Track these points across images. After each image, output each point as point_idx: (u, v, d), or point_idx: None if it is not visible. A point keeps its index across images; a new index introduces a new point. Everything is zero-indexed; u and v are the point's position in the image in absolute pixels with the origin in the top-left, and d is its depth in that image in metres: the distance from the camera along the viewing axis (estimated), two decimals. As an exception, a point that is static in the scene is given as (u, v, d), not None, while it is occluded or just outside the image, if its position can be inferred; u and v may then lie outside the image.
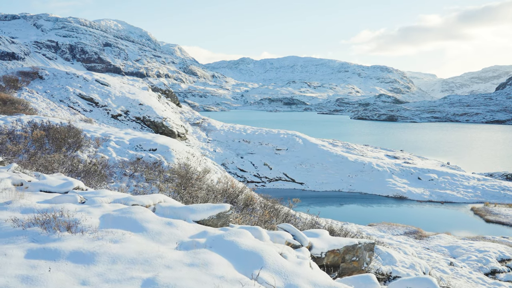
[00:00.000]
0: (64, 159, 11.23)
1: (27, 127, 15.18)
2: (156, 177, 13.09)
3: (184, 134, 43.68)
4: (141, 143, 15.67)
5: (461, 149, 74.14)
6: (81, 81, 40.95)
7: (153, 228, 4.06)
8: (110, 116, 38.86)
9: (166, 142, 16.21)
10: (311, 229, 5.70)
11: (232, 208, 5.03)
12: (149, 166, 13.79)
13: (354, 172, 41.41)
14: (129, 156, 14.56)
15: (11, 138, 13.15)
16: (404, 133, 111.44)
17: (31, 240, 3.60)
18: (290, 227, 4.93)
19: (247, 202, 10.54)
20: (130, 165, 13.43)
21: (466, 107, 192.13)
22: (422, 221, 30.45)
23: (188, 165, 14.15)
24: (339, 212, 32.75)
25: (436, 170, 42.35)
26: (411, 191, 37.75)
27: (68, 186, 6.11)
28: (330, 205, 34.56)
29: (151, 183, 12.57)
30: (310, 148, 45.79)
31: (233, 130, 52.28)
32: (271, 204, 10.88)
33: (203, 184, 12.97)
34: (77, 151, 13.51)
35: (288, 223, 9.55)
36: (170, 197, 11.30)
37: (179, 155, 15.67)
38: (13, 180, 6.04)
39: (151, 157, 14.56)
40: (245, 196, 10.67)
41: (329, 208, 33.32)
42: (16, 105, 30.44)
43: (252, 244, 3.77)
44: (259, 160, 43.61)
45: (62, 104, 36.38)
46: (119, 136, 16.52)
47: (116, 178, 12.56)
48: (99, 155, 13.82)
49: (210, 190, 11.05)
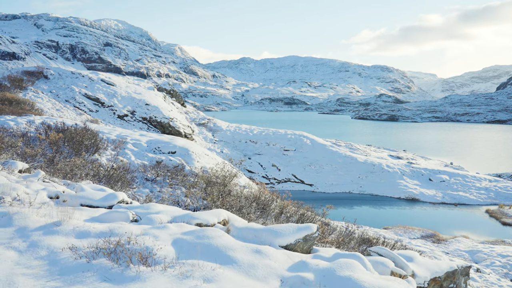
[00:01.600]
0: (85, 164, 10.54)
1: (40, 129, 14.48)
2: (179, 182, 12.40)
3: (190, 134, 42.99)
4: (160, 145, 14.97)
5: (464, 149, 73.48)
6: (86, 80, 40.22)
7: (242, 259, 3.35)
8: (117, 116, 38.15)
9: (185, 144, 15.51)
10: (401, 250, 5.04)
11: (318, 229, 4.33)
12: (171, 170, 13.09)
13: (364, 173, 40.72)
14: (149, 159, 13.87)
15: (25, 140, 12.44)
16: (405, 133, 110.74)
17: (103, 279, 2.88)
18: (385, 251, 4.22)
19: (282, 210, 9.86)
20: (151, 169, 12.73)
21: (467, 107, 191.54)
22: (437, 223, 29.81)
23: (214, 170, 13.46)
24: (351, 214, 32.06)
25: (447, 171, 41.67)
26: (423, 193, 37.07)
27: (112, 199, 5.39)
28: (341, 207, 33.86)
29: (175, 189, 11.88)
30: (319, 149, 45.11)
31: (239, 130, 51.60)
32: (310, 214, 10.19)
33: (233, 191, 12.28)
34: (95, 154, 12.82)
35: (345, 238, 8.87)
36: (196, 204, 10.58)
37: (199, 158, 14.98)
38: (48, 192, 5.34)
39: (172, 160, 13.87)
40: (280, 204, 9.98)
41: (341, 210, 32.62)
42: (21, 105, 29.74)
43: (374, 282, 3.06)
44: (267, 161, 42.92)
45: (67, 104, 35.67)
46: (135, 138, 15.82)
47: (138, 184, 11.87)
48: (118, 158, 13.13)
49: (240, 197, 10.36)
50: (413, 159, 51.22)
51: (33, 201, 4.68)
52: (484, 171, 45.92)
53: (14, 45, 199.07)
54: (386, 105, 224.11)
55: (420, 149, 66.86)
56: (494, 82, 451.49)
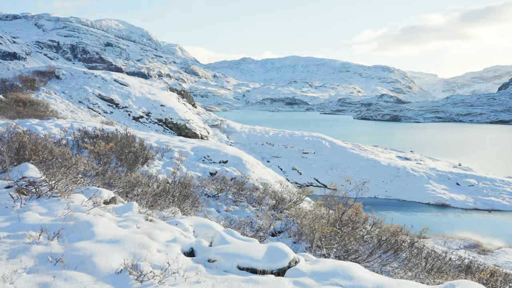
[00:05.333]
0: (145, 180, 8.86)
1: (75, 134, 12.79)
2: (244, 199, 10.71)
3: (206, 136, 41.35)
4: (209, 153, 13.29)
5: (470, 149, 71.92)
6: (99, 81, 38.51)
7: None
8: (132, 118, 36.47)
9: (235, 152, 13.84)
10: None
11: None
12: (229, 183, 11.39)
13: (389, 177, 39.09)
14: (201, 170, 12.19)
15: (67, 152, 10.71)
16: (409, 133, 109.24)
17: None
18: None
19: (398, 245, 8.18)
20: (209, 183, 11.03)
21: (469, 107, 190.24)
22: (476, 232, 28.17)
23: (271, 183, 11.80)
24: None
25: (475, 175, 40.07)
26: (453, 198, 35.43)
27: (280, 258, 3.61)
28: (369, 213, 32.21)
29: (242, 207, 10.19)
30: (339, 152, 43.49)
31: (254, 132, 50.00)
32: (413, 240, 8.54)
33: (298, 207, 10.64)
34: (144, 165, 11.13)
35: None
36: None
37: (253, 167, 13.30)
38: (182, 246, 3.64)
39: (227, 172, 12.18)
40: (387, 232, 8.33)
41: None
42: (35, 107, 28.09)
43: None
44: (286, 164, 41.28)
45: (81, 105, 33.98)
46: (178, 145, 14.14)
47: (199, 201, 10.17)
48: (168, 170, 11.43)
49: (361, 236, 8.67)
50: (421, 160, 49.79)
51: (178, 269, 3.05)
52: (494, 173, 44.16)
53: (15, 45, 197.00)
54: (388, 106, 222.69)
55: (426, 149, 65.09)
56: (495, 82, 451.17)
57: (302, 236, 8.46)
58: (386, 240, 8.20)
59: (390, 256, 8.57)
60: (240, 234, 4.71)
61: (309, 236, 8.48)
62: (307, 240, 8.49)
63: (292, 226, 9.23)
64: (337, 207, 9.68)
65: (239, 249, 3.64)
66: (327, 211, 9.67)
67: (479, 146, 77.62)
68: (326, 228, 7.11)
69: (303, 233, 8.51)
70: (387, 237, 8.18)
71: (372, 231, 8.47)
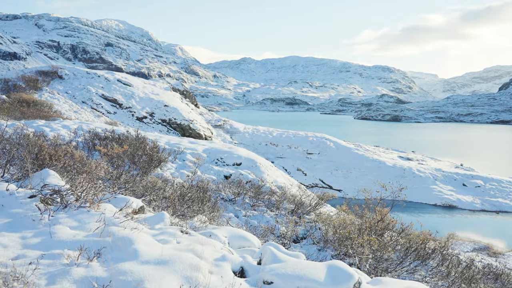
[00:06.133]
0: (162, 184, 8.49)
1: (84, 136, 12.42)
2: (261, 203, 10.36)
3: (210, 137, 41.00)
4: (222, 155, 12.92)
5: (471, 150, 71.51)
6: (102, 81, 38.13)
7: None
8: (135, 118, 36.10)
9: (249, 154, 13.48)
10: None
11: None
12: (245, 187, 11.03)
13: (395, 178, 38.69)
14: (215, 173, 11.83)
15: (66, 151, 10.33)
16: (410, 133, 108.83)
17: None
18: None
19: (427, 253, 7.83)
20: (225, 187, 10.68)
21: (470, 107, 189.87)
22: (485, 234, 27.80)
23: (287, 187, 11.43)
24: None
25: (481, 176, 39.71)
26: (460, 199, 35.07)
27: (345, 279, 3.14)
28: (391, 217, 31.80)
29: (261, 212, 9.83)
30: (343, 152, 43.13)
31: (258, 132, 49.65)
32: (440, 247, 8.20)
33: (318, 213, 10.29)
34: (157, 168, 10.77)
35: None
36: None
37: (267, 170, 12.94)
38: (232, 265, 3.29)
39: (242, 175, 11.82)
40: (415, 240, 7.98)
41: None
42: (39, 107, 27.73)
43: None
44: (291, 165, 40.91)
45: (84, 106, 33.61)
46: (189, 147, 13.77)
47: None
48: (182, 173, 11.08)
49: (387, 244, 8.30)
50: (423, 160, 49.47)
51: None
52: (497, 173, 43.74)
53: (15, 45, 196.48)
54: (389, 106, 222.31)
55: (427, 149, 64.68)
56: (495, 82, 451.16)
57: (327, 243, 8.10)
58: (416, 248, 7.84)
59: (418, 264, 8.22)
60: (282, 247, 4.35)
61: (335, 244, 8.13)
62: (332, 248, 8.14)
63: (315, 232, 8.87)
64: (372, 214, 9.29)
65: (296, 269, 3.26)
66: (352, 216, 9.33)
67: (481, 146, 77.24)
68: (361, 237, 6.74)
69: (328, 240, 8.16)
70: (417, 244, 7.82)
71: (400, 238, 8.10)
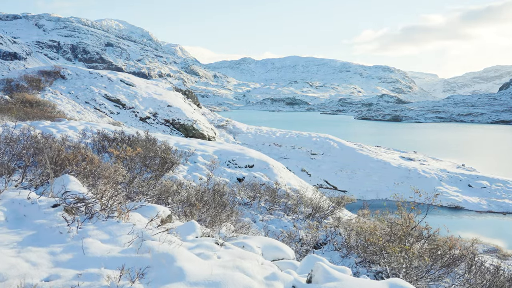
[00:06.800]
0: (176, 188, 8.18)
1: (92, 137, 12.11)
2: (277, 207, 10.05)
3: (214, 137, 40.71)
4: (233, 157, 12.62)
5: (472, 150, 71.19)
6: (105, 81, 37.81)
7: None
8: (138, 118, 35.80)
9: (260, 156, 13.17)
10: None
11: None
12: (260, 190, 10.71)
13: (400, 179, 38.43)
14: (227, 175, 11.52)
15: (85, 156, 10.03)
16: (411, 133, 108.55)
17: None
18: None
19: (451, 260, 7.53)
20: (240, 190, 10.37)
21: (470, 107, 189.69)
22: (494, 236, 27.49)
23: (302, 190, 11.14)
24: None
25: (486, 177, 39.40)
26: (466, 201, 34.76)
27: None
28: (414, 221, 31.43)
29: (279, 216, 9.53)
30: (348, 153, 42.83)
31: (261, 133, 49.37)
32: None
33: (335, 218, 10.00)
34: (169, 170, 10.46)
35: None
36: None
37: (280, 172, 12.65)
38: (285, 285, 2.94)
39: (256, 177, 11.51)
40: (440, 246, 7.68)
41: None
42: (42, 107, 27.42)
43: None
44: (295, 166, 40.57)
45: (88, 106, 33.30)
46: (199, 148, 13.46)
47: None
48: (195, 175, 10.77)
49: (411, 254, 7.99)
50: (424, 160, 49.18)
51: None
52: (499, 174, 43.37)
53: (15, 45, 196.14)
54: (389, 106, 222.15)
55: (428, 149, 64.33)
56: (495, 82, 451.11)
57: (350, 250, 7.79)
58: (443, 254, 7.54)
59: (444, 271, 7.92)
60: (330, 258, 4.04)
61: (358, 250, 7.82)
62: (356, 254, 7.83)
63: (335, 237, 8.56)
64: (404, 220, 8.97)
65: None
66: (379, 222, 9.02)
67: (482, 147, 76.94)
68: (395, 244, 6.44)
69: (351, 246, 7.85)
70: (446, 251, 7.52)
71: (427, 245, 7.79)
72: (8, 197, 3.72)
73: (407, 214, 7.51)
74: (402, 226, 7.30)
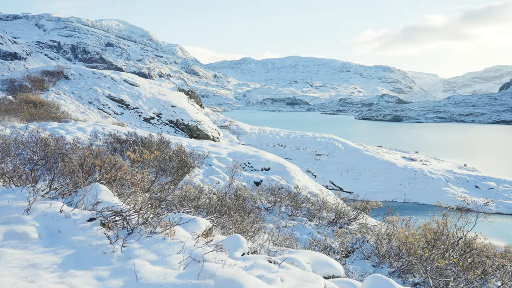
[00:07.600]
0: (196, 193, 7.81)
1: (106, 140, 11.74)
2: (299, 212, 9.68)
3: (218, 138, 40.32)
4: (249, 160, 12.25)
5: (473, 150, 70.85)
6: (109, 81, 37.43)
7: None
8: (143, 119, 35.42)
9: (276, 158, 12.81)
10: None
11: None
12: (280, 194, 10.34)
13: (406, 180, 38.07)
14: (244, 178, 11.15)
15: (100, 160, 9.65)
16: (412, 133, 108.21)
17: None
18: None
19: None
20: (260, 195, 9.99)
21: (471, 107, 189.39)
22: (503, 237, 27.15)
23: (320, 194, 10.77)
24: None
25: (493, 178, 39.07)
26: (474, 202, 34.36)
27: None
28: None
29: (302, 222, 9.15)
30: (353, 153, 42.47)
31: (264, 133, 48.99)
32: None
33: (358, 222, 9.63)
34: (186, 174, 10.07)
35: None
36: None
37: (296, 175, 12.27)
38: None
39: (274, 181, 11.13)
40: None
41: (392, 222, 29.91)
42: (46, 107, 27.05)
43: None
44: (300, 167, 39.99)
45: (91, 106, 32.93)
46: (212, 150, 13.09)
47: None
48: (212, 179, 10.40)
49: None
50: (426, 160, 48.88)
51: None
52: (500, 174, 43.02)
53: (15, 45, 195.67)
54: (390, 106, 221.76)
55: (429, 150, 63.97)
56: (496, 82, 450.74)
57: (383, 259, 7.43)
58: (481, 263, 7.19)
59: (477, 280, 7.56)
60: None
61: (390, 259, 7.46)
62: (388, 263, 7.47)
63: (364, 245, 8.19)
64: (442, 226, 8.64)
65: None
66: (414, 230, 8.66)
67: (483, 147, 76.62)
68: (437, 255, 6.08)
69: (383, 255, 7.48)
70: (483, 260, 7.15)
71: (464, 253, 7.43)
72: (39, 209, 3.35)
73: (453, 224, 7.15)
74: (448, 236, 6.94)
